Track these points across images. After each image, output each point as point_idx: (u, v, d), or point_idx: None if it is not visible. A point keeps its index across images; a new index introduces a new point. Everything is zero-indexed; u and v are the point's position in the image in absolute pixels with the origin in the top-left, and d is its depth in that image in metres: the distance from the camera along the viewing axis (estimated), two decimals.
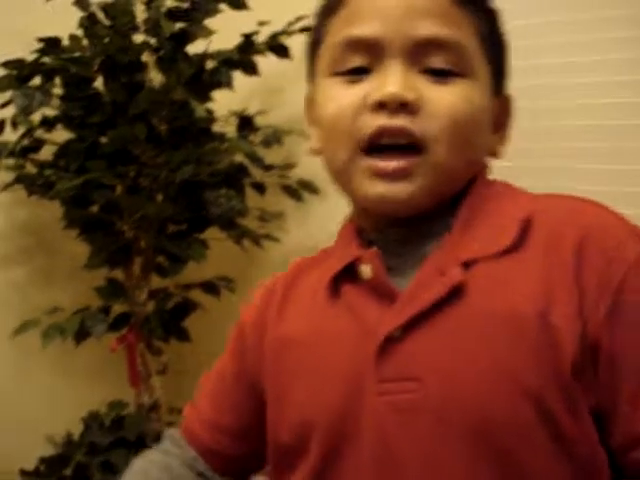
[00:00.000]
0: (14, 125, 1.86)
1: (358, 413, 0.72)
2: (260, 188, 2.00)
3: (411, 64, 0.73)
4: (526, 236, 0.71)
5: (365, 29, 0.73)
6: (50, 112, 1.87)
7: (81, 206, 1.88)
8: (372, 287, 0.74)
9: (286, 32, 1.85)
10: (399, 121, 0.71)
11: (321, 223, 2.02)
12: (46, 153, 1.92)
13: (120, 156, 1.82)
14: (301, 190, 1.96)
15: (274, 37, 1.86)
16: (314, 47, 0.82)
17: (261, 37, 1.87)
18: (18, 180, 1.89)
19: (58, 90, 1.84)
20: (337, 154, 0.75)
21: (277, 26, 1.85)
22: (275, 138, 1.91)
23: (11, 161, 1.89)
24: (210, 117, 1.89)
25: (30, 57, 1.80)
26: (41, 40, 1.80)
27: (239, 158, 1.95)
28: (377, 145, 0.73)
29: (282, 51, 1.89)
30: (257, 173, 1.98)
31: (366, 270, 0.75)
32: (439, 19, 0.73)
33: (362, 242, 0.79)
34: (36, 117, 1.86)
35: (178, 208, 1.86)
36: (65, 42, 1.82)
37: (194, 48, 1.86)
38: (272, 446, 0.82)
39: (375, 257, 0.74)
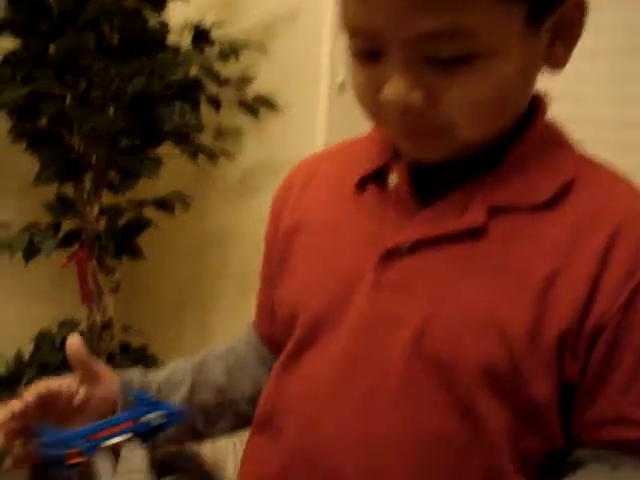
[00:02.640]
0: None
1: (345, 307, 0.74)
2: (215, 103, 1.95)
3: (416, 56, 0.63)
4: (563, 198, 0.69)
5: (361, 20, 0.64)
6: None
7: (29, 118, 1.81)
8: (396, 197, 0.74)
9: None
10: (415, 117, 0.65)
11: (278, 140, 1.98)
12: None
13: (69, 66, 1.75)
14: (258, 106, 1.91)
15: None
16: None
17: None
18: None
19: None
20: (367, 115, 0.72)
21: None
22: (231, 51, 1.85)
23: None
24: (164, 28, 1.82)
25: None
26: None
27: (194, 71, 1.89)
28: None
29: None
30: (212, 88, 1.92)
31: (394, 179, 0.75)
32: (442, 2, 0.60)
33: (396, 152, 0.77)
34: None
35: (130, 122, 1.81)
36: None
37: None
38: (279, 321, 0.84)
39: (405, 170, 0.74)
